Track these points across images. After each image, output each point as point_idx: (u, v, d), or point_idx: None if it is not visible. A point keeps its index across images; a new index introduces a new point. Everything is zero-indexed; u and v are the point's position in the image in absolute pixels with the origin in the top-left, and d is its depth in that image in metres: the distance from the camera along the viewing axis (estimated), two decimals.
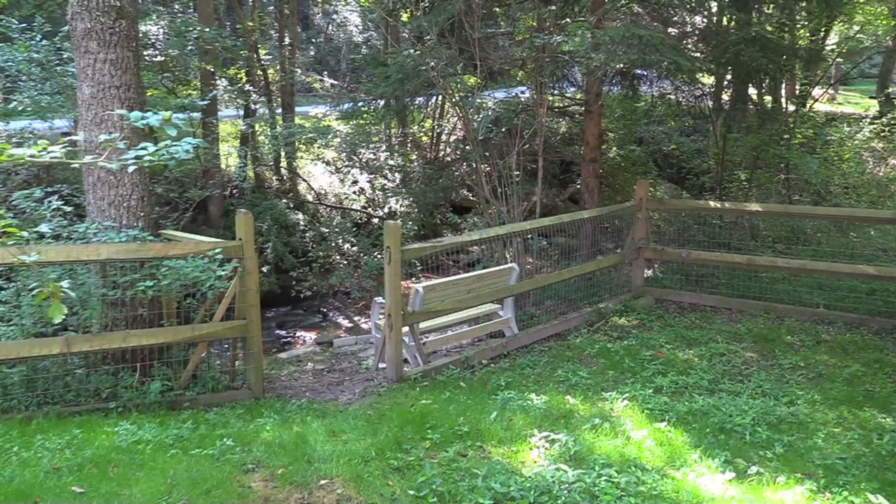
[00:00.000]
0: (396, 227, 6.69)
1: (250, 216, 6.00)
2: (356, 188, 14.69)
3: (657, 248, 9.22)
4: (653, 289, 9.42)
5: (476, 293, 7.65)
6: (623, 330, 8.47)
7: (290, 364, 8.81)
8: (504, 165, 8.75)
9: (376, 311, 7.95)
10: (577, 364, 7.42)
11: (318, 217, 14.76)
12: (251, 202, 14.17)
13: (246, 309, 6.08)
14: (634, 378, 6.95)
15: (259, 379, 6.25)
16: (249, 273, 6.02)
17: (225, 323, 6.01)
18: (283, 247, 13.58)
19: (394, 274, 6.73)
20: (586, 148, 9.90)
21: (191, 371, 6.03)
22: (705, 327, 8.46)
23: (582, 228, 9.34)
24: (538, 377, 7.05)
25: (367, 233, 14.62)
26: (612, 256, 9.04)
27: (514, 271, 7.95)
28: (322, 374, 7.71)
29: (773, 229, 11.49)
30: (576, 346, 7.94)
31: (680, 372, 7.08)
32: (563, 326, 8.43)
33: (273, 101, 15.19)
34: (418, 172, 12.43)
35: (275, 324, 13.15)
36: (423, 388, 6.74)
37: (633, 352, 7.64)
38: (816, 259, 8.84)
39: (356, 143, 13.01)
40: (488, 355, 7.68)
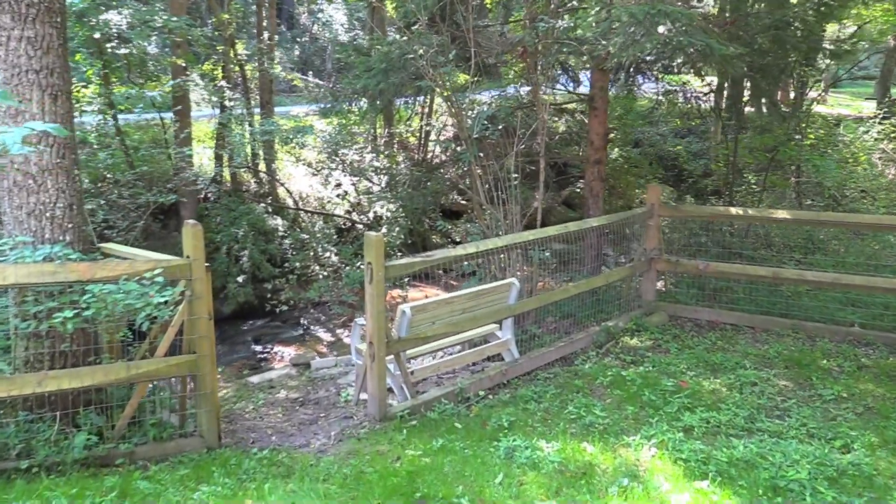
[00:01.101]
0: (378, 241, 5.51)
1: (199, 228, 4.80)
2: (339, 192, 13.48)
3: (671, 259, 8.09)
4: (666, 304, 8.29)
5: (472, 314, 6.48)
6: (636, 352, 7.32)
7: (261, 391, 7.60)
8: (501, 167, 7.58)
9: (356, 334, 6.76)
10: (589, 396, 6.26)
11: (299, 223, 13.54)
12: (227, 206, 12.93)
13: (196, 341, 4.88)
14: (658, 415, 5.81)
15: (213, 424, 5.04)
16: (200, 297, 4.81)
17: (169, 359, 4.80)
18: (261, 254, 12.37)
19: (376, 294, 5.55)
20: (590, 148, 8.76)
21: (128, 417, 4.82)
22: (728, 349, 7.33)
23: (586, 237, 8.19)
24: (545, 414, 5.88)
25: (351, 239, 13.40)
26: (622, 269, 7.89)
27: (514, 287, 6.79)
28: (294, 407, 6.51)
29: (785, 237, 10.40)
30: (585, 374, 6.78)
31: (709, 406, 5.94)
32: (569, 349, 7.27)
33: (251, 100, 13.96)
34: (405, 175, 11.22)
35: (251, 337, 11.92)
36: (412, 430, 5.56)
37: (652, 380, 6.49)
38: (850, 272, 7.72)
39: (339, 143, 11.78)
40: (486, 385, 6.51)
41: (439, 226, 8.03)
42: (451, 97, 7.32)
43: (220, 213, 12.77)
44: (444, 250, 6.12)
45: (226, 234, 12.32)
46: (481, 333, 6.91)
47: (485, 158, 7.77)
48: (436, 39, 6.96)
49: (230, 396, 7.52)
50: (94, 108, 12.05)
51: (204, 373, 4.90)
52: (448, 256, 6.08)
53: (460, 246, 6.30)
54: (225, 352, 11.42)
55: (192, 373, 4.90)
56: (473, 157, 7.39)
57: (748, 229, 10.24)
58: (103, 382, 4.57)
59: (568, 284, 7.21)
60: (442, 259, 6.03)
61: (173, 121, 12.61)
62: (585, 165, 8.87)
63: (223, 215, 12.70)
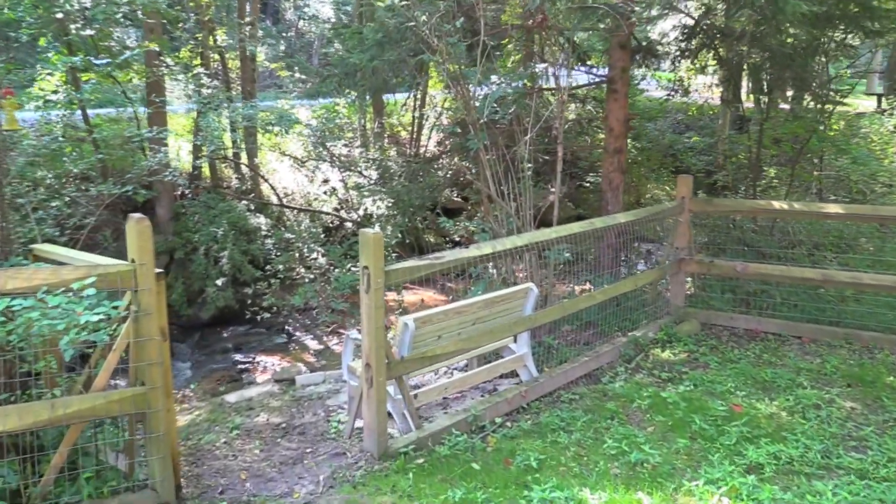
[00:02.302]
0: (377, 240, 4.34)
1: (146, 224, 3.60)
2: (327, 188, 12.26)
3: (704, 261, 6.98)
4: (697, 311, 7.18)
5: (486, 325, 5.34)
6: (671, 368, 6.20)
7: (238, 413, 6.40)
8: (512, 156, 6.43)
9: (349, 349, 5.59)
10: (627, 424, 5.12)
11: (283, 221, 12.32)
12: (206, 203, 11.69)
13: (144, 370, 3.69)
14: (715, 449, 4.69)
15: (169, 474, 3.85)
16: (148, 313, 3.62)
17: (109, 394, 3.61)
18: (242, 255, 11.13)
19: (374, 306, 4.38)
20: (609, 136, 7.63)
21: (56, 470, 3.61)
22: (777, 363, 6.22)
23: (605, 236, 7.04)
24: (579, 448, 4.74)
25: (340, 239, 12.18)
26: (650, 271, 6.78)
27: (531, 293, 5.64)
28: (275, 438, 5.31)
29: (811, 234, 9.33)
30: (617, 394, 5.64)
31: (772, 437, 4.84)
32: (594, 364, 6.14)
33: (232, 90, 12.72)
34: (400, 167, 9.98)
35: (231, 346, 10.68)
36: (419, 472, 4.41)
37: (698, 403, 5.38)
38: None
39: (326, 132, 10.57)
40: (503, 410, 5.36)
41: (442, 223, 6.84)
42: (457, 73, 6.16)
43: (199, 210, 11.53)
44: (454, 251, 4.97)
45: (204, 234, 11.09)
46: (494, 347, 5.77)
47: (493, 147, 6.61)
48: (442, 4, 5.80)
49: (201, 421, 6.32)
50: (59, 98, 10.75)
51: (155, 410, 3.71)
52: (460, 258, 4.92)
53: (474, 246, 5.14)
54: (202, 362, 10.20)
55: (139, 410, 3.70)
56: (482, 144, 6.24)
57: (773, 226, 9.14)
58: (18, 427, 3.37)
59: (594, 290, 6.07)
60: (453, 262, 4.87)
61: (147, 113, 11.38)
62: (603, 155, 7.74)
63: (201, 213, 11.47)
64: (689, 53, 8.97)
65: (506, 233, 6.63)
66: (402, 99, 17.34)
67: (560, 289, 7.61)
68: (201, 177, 12.49)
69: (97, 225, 11.03)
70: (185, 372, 9.80)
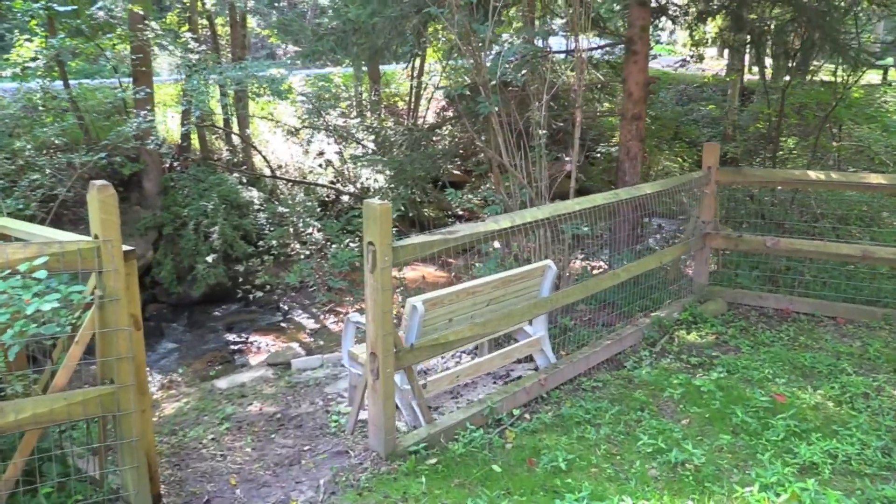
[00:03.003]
0: (385, 212, 3.72)
1: (111, 194, 2.97)
2: (322, 160, 11.58)
3: (731, 235, 6.39)
4: (722, 289, 6.61)
5: (502, 308, 4.75)
6: (700, 352, 5.64)
7: (229, 400, 5.84)
8: (526, 121, 5.80)
9: (350, 334, 5.00)
10: (659, 417, 4.57)
11: (277, 194, 11.65)
12: (195, 176, 11.01)
13: (113, 366, 3.08)
14: (762, 446, 4.14)
15: (144, 485, 3.27)
16: (116, 299, 3.00)
17: (71, 395, 3.00)
18: (234, 231, 10.49)
19: (381, 288, 3.78)
20: (627, 101, 6.99)
21: (11, 483, 3.02)
22: (814, 347, 5.67)
23: (620, 209, 6.42)
24: (610, 446, 4.18)
25: (336, 213, 11.53)
26: (675, 247, 6.18)
27: (549, 270, 5.05)
28: (269, 433, 4.73)
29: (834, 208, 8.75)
30: (644, 382, 5.08)
31: (823, 431, 4.29)
32: (617, 347, 5.57)
33: (221, 57, 11.98)
34: (401, 136, 9.28)
35: (223, 325, 10.08)
36: (432, 474, 3.84)
37: (735, 392, 4.82)
38: None
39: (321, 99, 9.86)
40: (520, 400, 4.79)
41: (448, 194, 6.20)
42: (466, 28, 5.49)
43: (188, 184, 10.85)
44: (470, 225, 4.35)
45: (194, 208, 10.43)
46: (509, 331, 5.19)
47: (503, 111, 5.96)
48: None
49: (189, 409, 5.74)
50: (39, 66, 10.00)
51: (127, 413, 3.11)
52: (476, 233, 4.31)
53: (490, 219, 4.53)
54: (193, 342, 9.60)
55: (107, 413, 3.10)
56: (494, 108, 5.60)
57: (793, 199, 8.56)
58: None
59: (618, 270, 5.47)
60: (469, 236, 4.26)
61: (133, 82, 10.66)
62: (621, 122, 7.11)
63: (191, 187, 10.79)
64: (707, 15, 8.30)
65: (518, 205, 6.02)
66: (399, 70, 16.62)
67: (573, 267, 7.02)
68: (191, 148, 11.80)
69: (82, 199, 10.39)
70: (175, 353, 9.21)
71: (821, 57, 7.87)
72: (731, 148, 11.46)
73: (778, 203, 8.66)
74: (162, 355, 9.15)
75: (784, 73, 8.60)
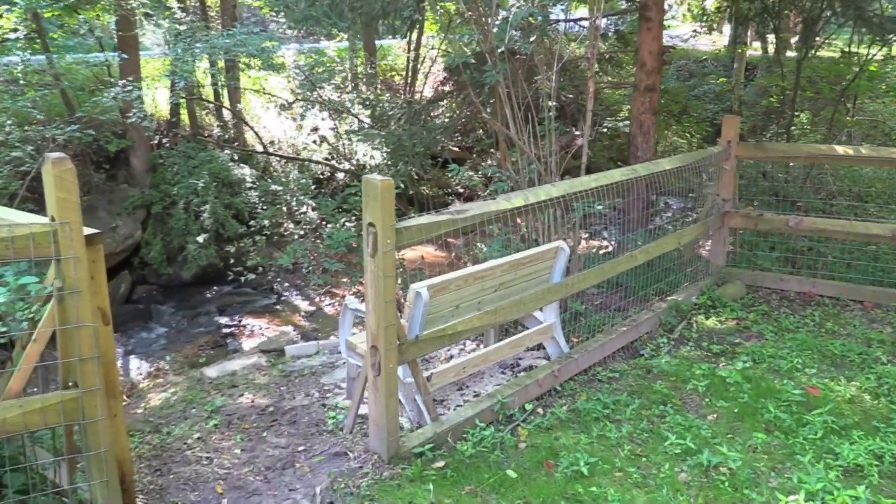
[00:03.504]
0: (386, 189, 3.27)
1: (68, 168, 2.51)
2: (316, 136, 11.07)
3: (751, 214, 5.96)
4: (740, 271, 6.20)
5: (511, 294, 4.33)
6: (720, 338, 5.23)
7: (219, 392, 5.44)
8: (536, 92, 5.33)
9: (347, 322, 4.57)
10: (684, 412, 4.17)
11: (270, 171, 11.16)
12: (185, 153, 10.50)
13: (77, 368, 2.64)
14: (799, 445, 3.75)
15: (116, 501, 2.84)
16: (79, 290, 2.56)
17: (27, 402, 2.57)
18: (225, 210, 10.00)
19: (382, 275, 3.34)
20: (640, 71, 6.52)
21: None
22: (842, 333, 5.27)
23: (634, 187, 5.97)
24: (634, 446, 3.78)
25: (331, 191, 11.05)
26: (694, 227, 5.74)
27: (562, 253, 4.63)
28: (261, 431, 4.32)
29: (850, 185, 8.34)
30: (664, 372, 4.68)
31: (864, 428, 3.90)
32: (633, 334, 5.17)
33: (210, 28, 11.39)
34: (399, 109, 8.72)
35: (215, 307, 9.63)
36: (440, 480, 3.44)
37: (764, 384, 4.42)
38: None
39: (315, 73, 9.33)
40: (533, 394, 4.39)
41: (452, 170, 5.74)
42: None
43: (177, 161, 10.34)
44: (480, 204, 3.91)
45: (184, 186, 9.94)
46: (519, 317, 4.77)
47: (510, 82, 5.49)
48: None
49: (176, 401, 5.33)
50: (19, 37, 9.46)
51: (93, 421, 2.68)
52: (487, 212, 3.87)
53: (502, 197, 4.08)
54: (184, 325, 9.16)
55: (71, 421, 2.67)
56: (501, 77, 5.13)
57: (807, 176, 8.15)
58: None
59: (635, 252, 5.03)
60: (479, 215, 3.82)
61: (118, 55, 10.11)
62: (633, 94, 6.64)
63: (180, 164, 10.28)
64: None
65: (526, 182, 5.57)
66: (395, 44, 16.03)
67: (581, 248, 6.60)
68: (180, 124, 11.27)
69: None
70: (165, 337, 8.78)
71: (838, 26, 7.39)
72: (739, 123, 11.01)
73: (792, 180, 8.24)
74: (151, 339, 8.72)
75: (787, 47, 8.11)
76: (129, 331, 8.93)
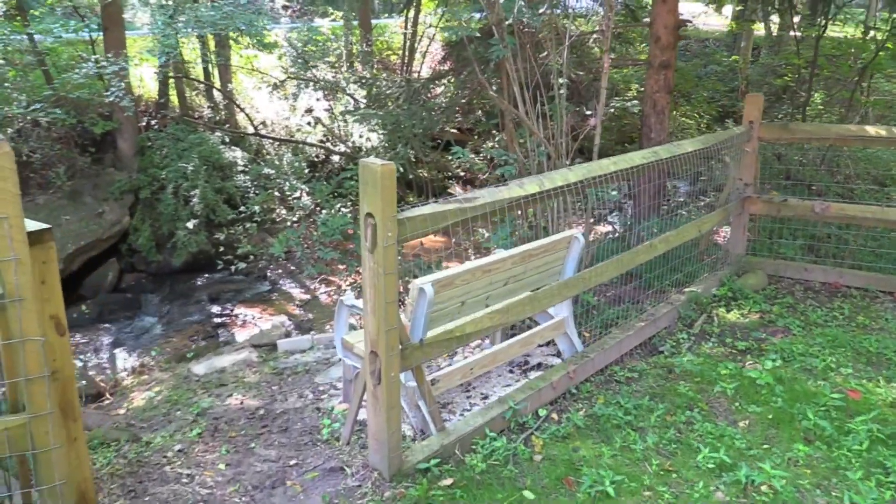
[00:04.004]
0: (387, 175, 2.83)
1: (6, 151, 2.06)
2: (310, 118, 10.57)
3: (775, 200, 5.54)
4: (760, 259, 5.78)
5: (523, 288, 3.91)
6: (744, 333, 4.83)
7: (206, 391, 5.04)
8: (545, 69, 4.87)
9: (343, 320, 4.14)
10: (712, 418, 3.77)
11: (262, 154, 10.67)
12: (174, 136, 10.00)
13: (25, 389, 2.20)
14: (844, 457, 3.35)
15: None
16: (21, 299, 2.11)
17: None
18: (216, 194, 9.54)
19: (382, 272, 2.91)
20: (654, 46, 6.05)
21: None
22: (873, 327, 4.87)
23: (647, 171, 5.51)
24: (663, 460, 3.38)
25: (326, 174, 10.57)
26: (714, 213, 5.31)
27: (576, 242, 4.20)
28: (248, 440, 3.90)
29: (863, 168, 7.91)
30: (687, 372, 4.27)
31: None
32: (651, 330, 4.75)
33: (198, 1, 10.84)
34: (398, 88, 8.19)
35: (206, 296, 9.18)
36: (449, 500, 3.03)
37: (798, 387, 4.02)
38: None
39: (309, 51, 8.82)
40: (546, 398, 3.98)
41: (455, 153, 5.29)
42: None
43: (166, 143, 9.85)
44: (490, 191, 3.46)
45: (173, 170, 9.46)
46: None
47: (518, 58, 5.02)
48: None
49: (160, 402, 4.93)
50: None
51: (45, 450, 2.25)
52: (499, 199, 3.43)
53: (514, 183, 3.64)
54: (174, 315, 8.72)
55: (19, 451, 2.24)
56: (509, 52, 4.66)
57: (823, 158, 7.72)
58: None
59: (654, 241, 4.60)
60: (490, 203, 3.38)
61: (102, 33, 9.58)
62: (647, 71, 6.17)
63: (170, 146, 9.80)
64: None
65: (536, 165, 5.13)
66: (391, 23, 15.47)
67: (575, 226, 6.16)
68: (168, 105, 10.76)
69: (48, 161, 9.38)
70: (154, 327, 8.34)
71: None
72: None
73: (808, 163, 7.81)
74: (139, 330, 8.28)
75: (796, 24, 7.64)
76: (117, 321, 8.48)
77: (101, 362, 7.50)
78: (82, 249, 8.94)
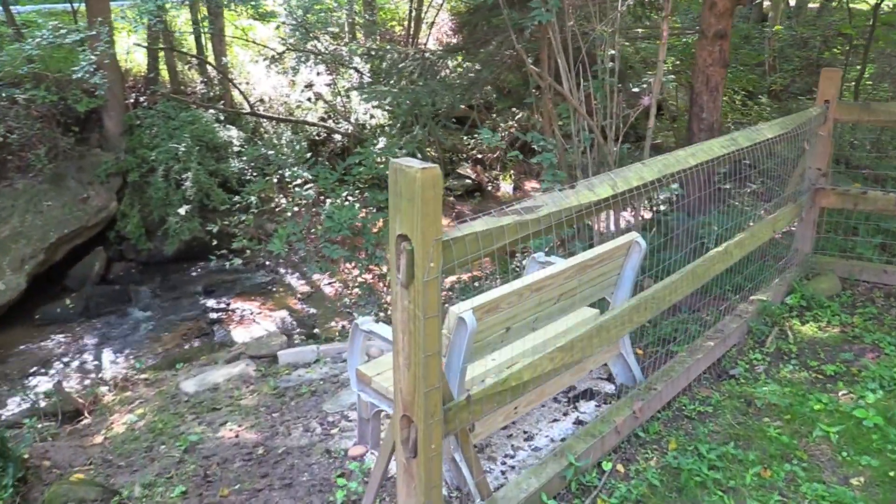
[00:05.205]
0: (429, 180, 1.96)
1: None
2: (310, 93, 9.63)
3: (852, 191, 4.69)
4: (831, 259, 4.95)
5: (575, 305, 3.11)
6: (828, 353, 4.01)
7: (196, 416, 4.26)
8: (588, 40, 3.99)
9: (357, 347, 3.29)
10: (817, 472, 2.96)
11: (260, 134, 9.75)
12: (164, 113, 9.07)
13: None
14: None
15: None
16: None
17: None
18: (210, 178, 8.65)
19: (420, 314, 2.06)
20: (709, 14, 5.14)
21: None
22: None
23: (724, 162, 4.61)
24: None
25: (328, 153, 9.65)
26: (788, 209, 4.46)
27: (637, 248, 3.37)
28: (246, 495, 3.09)
29: None
30: (771, 405, 3.46)
31: None
32: (720, 349, 3.93)
33: None
34: (412, 61, 7.19)
35: (201, 287, 8.35)
36: None
37: None
38: None
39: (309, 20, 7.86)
40: (610, 445, 3.17)
41: (484, 136, 4.39)
42: None
43: (156, 122, 8.93)
44: (553, 196, 2.61)
45: (163, 151, 8.56)
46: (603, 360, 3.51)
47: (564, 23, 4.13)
48: None
49: (142, 429, 4.14)
50: None
51: None
52: (567, 207, 2.58)
53: (583, 185, 2.78)
54: (167, 309, 7.88)
55: None
56: (552, 17, 3.76)
57: (876, 141, 6.87)
58: None
59: (729, 245, 3.75)
60: (555, 214, 2.53)
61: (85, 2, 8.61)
62: (698, 42, 5.28)
63: (160, 125, 8.88)
64: None
65: (580, 153, 4.26)
66: None
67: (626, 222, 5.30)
68: (159, 80, 9.80)
69: (28, 142, 8.45)
70: (144, 323, 7.50)
71: None
72: (779, 78, 9.66)
73: (859, 145, 6.96)
74: (129, 327, 7.45)
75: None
76: (105, 316, 7.64)
77: (83, 366, 6.69)
78: (66, 238, 8.07)
